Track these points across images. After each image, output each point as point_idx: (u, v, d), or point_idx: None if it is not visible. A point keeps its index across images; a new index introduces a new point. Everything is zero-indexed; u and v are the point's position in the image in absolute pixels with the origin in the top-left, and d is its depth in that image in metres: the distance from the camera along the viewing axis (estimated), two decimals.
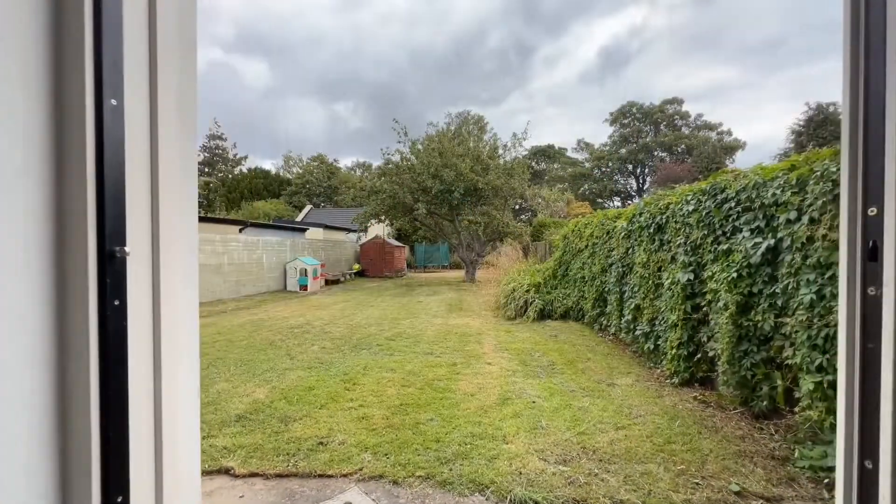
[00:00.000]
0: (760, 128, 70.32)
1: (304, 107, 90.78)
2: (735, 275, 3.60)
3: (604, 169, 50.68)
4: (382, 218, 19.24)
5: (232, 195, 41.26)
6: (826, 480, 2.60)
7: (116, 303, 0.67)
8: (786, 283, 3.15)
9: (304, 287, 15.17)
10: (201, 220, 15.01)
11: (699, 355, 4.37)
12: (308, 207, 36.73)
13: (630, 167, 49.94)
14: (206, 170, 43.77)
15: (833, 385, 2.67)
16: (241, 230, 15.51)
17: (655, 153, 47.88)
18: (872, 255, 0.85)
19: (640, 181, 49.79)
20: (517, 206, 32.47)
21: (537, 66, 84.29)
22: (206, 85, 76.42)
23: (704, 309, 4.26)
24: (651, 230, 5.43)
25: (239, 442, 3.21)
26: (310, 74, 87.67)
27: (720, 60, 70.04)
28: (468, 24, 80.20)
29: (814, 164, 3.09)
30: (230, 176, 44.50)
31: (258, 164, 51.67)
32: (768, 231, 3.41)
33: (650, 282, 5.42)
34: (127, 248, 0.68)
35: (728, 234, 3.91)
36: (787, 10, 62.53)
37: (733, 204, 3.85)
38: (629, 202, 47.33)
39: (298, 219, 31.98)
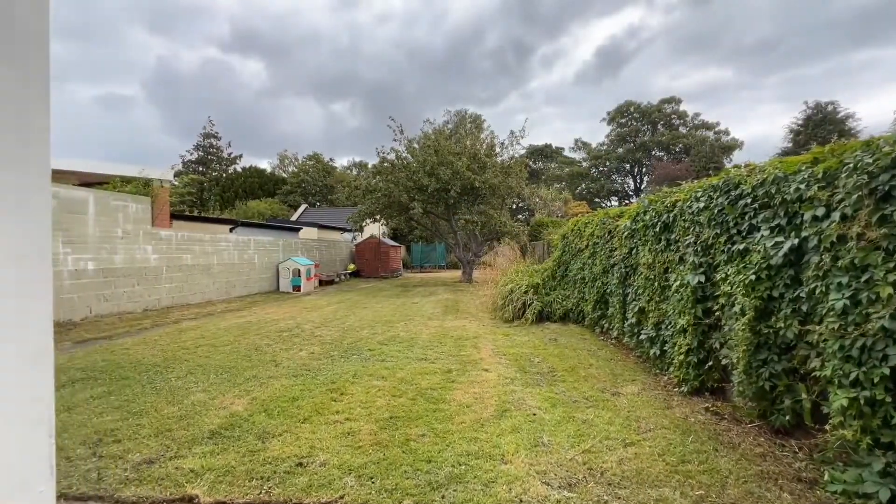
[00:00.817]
0: (758, 127, 70.10)
1: (300, 106, 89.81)
2: (753, 277, 3.30)
3: (601, 168, 50.49)
4: (378, 217, 18.86)
5: (226, 194, 40.67)
6: None
7: None
8: (812, 286, 2.86)
9: (297, 288, 14.83)
10: (191, 218, 14.62)
11: (710, 363, 4.08)
12: (303, 207, 36.30)
13: (627, 166, 49.75)
14: (201, 168, 43.16)
15: (871, 402, 2.39)
16: (231, 230, 15.11)
17: (653, 152, 47.70)
18: None
19: (638, 181, 49.62)
20: (514, 206, 32.19)
21: (535, 66, 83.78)
22: (203, 84, 75.70)
23: (717, 313, 3.97)
24: (657, 229, 5.13)
25: (209, 463, 2.89)
26: (306, 73, 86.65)
27: (717, 60, 69.83)
28: (466, 23, 79.61)
29: (843, 155, 2.81)
30: (224, 175, 43.86)
31: (253, 163, 50.86)
32: (791, 229, 3.12)
33: (656, 283, 5.13)
34: None
35: (744, 233, 3.62)
36: (784, 11, 62.40)
37: (749, 200, 3.55)
38: (627, 202, 47.13)
39: (293, 218, 31.56)
